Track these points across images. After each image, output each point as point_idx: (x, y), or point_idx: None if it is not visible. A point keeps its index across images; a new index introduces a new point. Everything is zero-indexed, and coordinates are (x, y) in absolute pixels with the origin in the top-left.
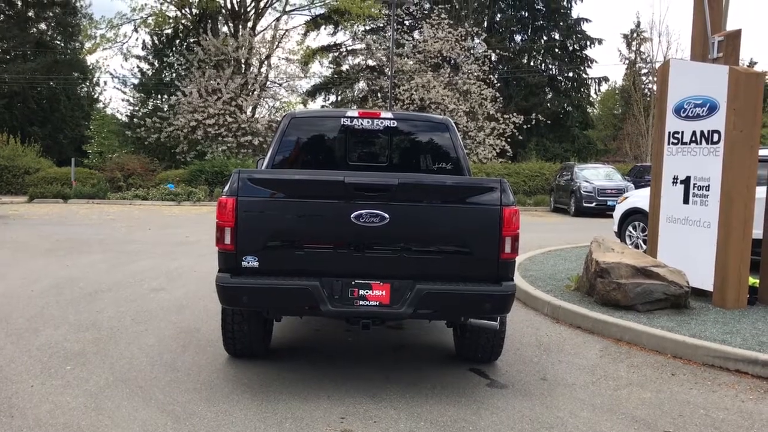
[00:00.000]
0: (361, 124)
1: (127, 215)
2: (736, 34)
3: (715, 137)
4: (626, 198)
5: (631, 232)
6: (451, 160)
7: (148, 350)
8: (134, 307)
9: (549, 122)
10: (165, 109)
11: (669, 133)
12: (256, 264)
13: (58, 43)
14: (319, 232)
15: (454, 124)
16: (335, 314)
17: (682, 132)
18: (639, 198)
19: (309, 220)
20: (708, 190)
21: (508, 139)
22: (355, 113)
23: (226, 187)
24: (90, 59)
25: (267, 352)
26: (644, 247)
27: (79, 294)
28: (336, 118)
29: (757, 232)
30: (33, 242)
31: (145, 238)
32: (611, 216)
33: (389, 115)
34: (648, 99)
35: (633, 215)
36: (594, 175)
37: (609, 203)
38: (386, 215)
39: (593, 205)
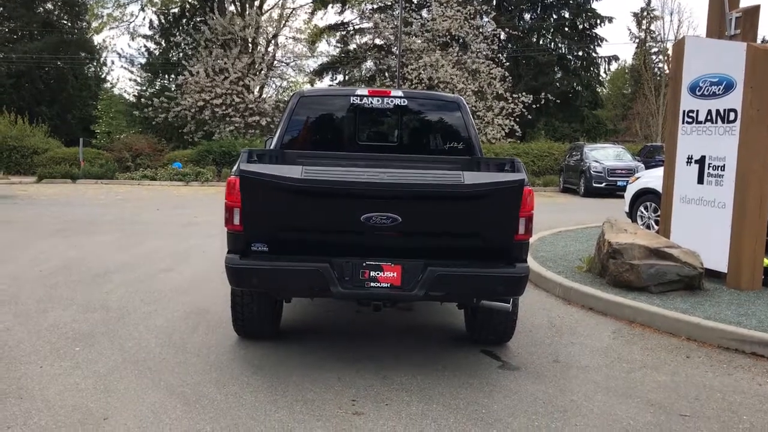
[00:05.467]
0: (371, 102)
1: (135, 195)
2: (755, 10)
3: (732, 116)
4: (638, 178)
5: (642, 212)
6: (462, 140)
7: (157, 331)
8: (143, 287)
9: (558, 102)
10: (172, 89)
11: (683, 111)
12: (265, 245)
13: (65, 22)
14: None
15: (465, 103)
16: (346, 296)
17: (697, 111)
18: (651, 178)
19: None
20: (723, 170)
21: (517, 119)
22: (365, 91)
23: (235, 167)
24: (97, 39)
25: (277, 333)
26: (656, 227)
27: (88, 274)
28: (345, 96)
29: None
30: (42, 222)
31: (154, 219)
32: (621, 196)
33: (399, 93)
34: (658, 78)
35: (644, 195)
36: (604, 155)
37: (619, 183)
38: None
39: (603, 185)
